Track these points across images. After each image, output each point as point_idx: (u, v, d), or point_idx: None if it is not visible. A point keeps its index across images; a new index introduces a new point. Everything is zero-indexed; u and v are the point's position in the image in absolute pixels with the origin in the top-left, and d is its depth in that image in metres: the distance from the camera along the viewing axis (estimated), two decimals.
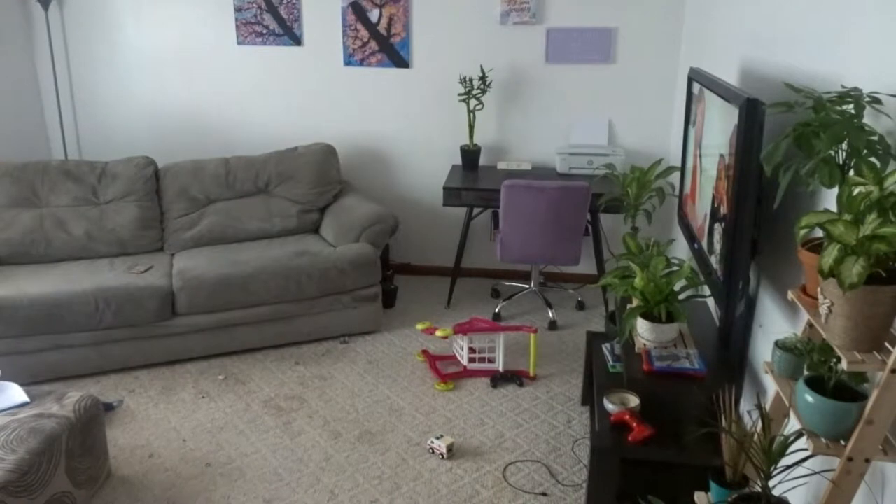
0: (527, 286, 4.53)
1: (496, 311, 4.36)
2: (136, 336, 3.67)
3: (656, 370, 2.45)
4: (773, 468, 1.68)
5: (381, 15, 4.54)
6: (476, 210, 4.50)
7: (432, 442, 3.07)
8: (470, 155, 4.55)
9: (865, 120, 1.68)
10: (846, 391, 1.59)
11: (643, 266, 2.60)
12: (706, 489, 1.94)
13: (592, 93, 4.51)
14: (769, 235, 2.51)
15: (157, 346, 3.74)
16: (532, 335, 3.62)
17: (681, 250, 4.06)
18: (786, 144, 1.73)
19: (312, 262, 3.88)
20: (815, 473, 1.80)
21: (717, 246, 2.53)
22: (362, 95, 4.73)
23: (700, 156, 2.96)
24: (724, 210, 2.44)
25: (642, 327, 2.59)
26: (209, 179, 4.32)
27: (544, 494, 2.83)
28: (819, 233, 1.91)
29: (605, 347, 3.17)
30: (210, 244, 4.23)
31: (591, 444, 2.52)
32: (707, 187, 2.77)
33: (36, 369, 3.57)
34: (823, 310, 1.55)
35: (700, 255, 2.82)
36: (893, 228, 1.39)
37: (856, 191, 1.50)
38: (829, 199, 2.03)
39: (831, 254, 1.44)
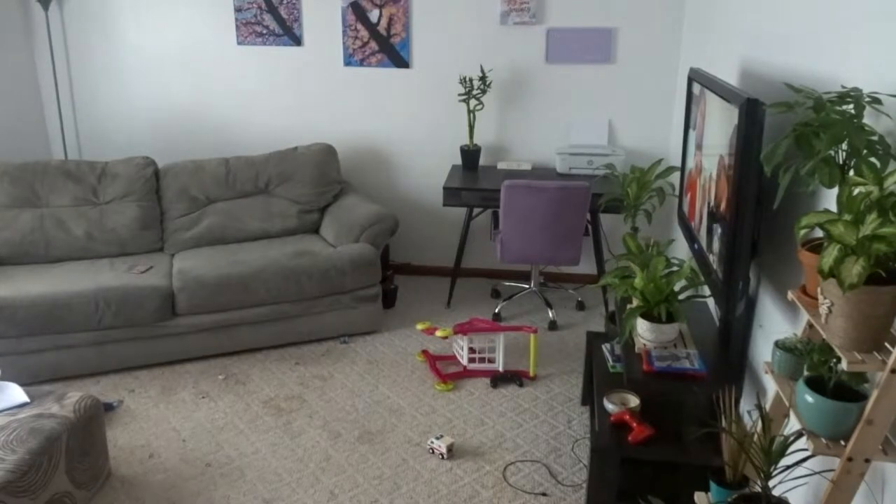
0: (527, 286, 4.53)
1: (496, 311, 4.36)
2: (136, 336, 3.67)
3: (656, 370, 2.45)
4: (773, 468, 1.68)
5: (381, 15, 4.54)
6: (476, 210, 4.50)
7: (432, 442, 3.07)
8: (470, 155, 4.55)
9: (865, 120, 1.68)
10: (846, 391, 1.59)
11: (643, 266, 2.60)
12: (706, 489, 1.94)
13: (592, 93, 4.51)
14: (769, 235, 2.51)
15: (157, 346, 3.74)
16: (532, 335, 3.62)
17: (681, 250, 4.06)
18: (786, 144, 1.73)
19: (312, 262, 3.88)
20: (815, 473, 1.80)
21: (717, 246, 2.53)
22: (362, 95, 4.73)
23: (700, 156, 2.96)
24: (724, 210, 2.44)
25: (642, 327, 2.59)
26: (209, 179, 4.32)
27: (544, 494, 2.83)
28: (819, 233, 1.91)
29: (605, 347, 3.17)
30: (210, 244, 4.23)
31: (591, 444, 2.52)
32: (707, 187, 2.77)
33: (36, 369, 3.57)
34: (823, 310, 1.55)
35: (700, 255, 2.82)
36: (893, 228, 1.39)
37: (856, 191, 1.50)
38: (829, 199, 2.03)
39: (831, 254, 1.44)
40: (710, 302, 3.05)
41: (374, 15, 4.55)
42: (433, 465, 3.01)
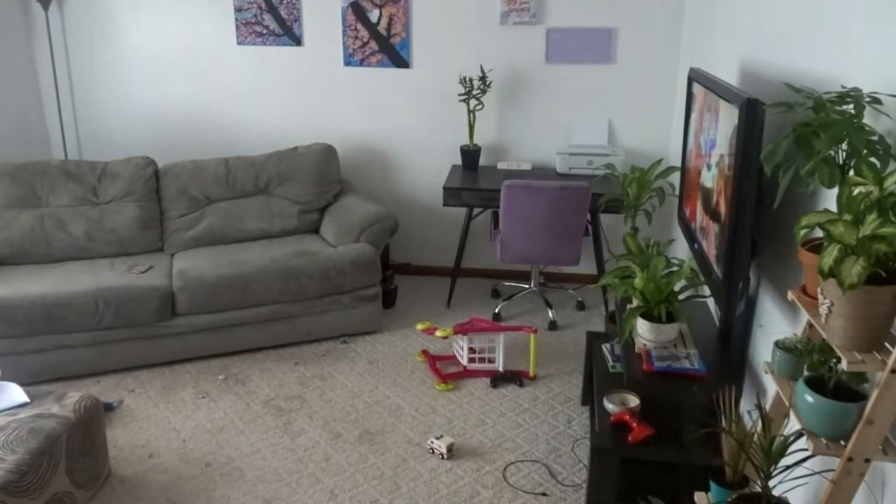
0: (527, 286, 4.53)
1: (496, 311, 4.36)
2: (136, 336, 3.67)
3: (656, 370, 2.45)
4: (773, 468, 1.68)
5: (381, 15, 4.54)
6: (476, 210, 4.50)
7: (432, 442, 3.06)
8: (470, 155, 4.55)
9: (865, 120, 1.68)
10: (846, 391, 1.59)
11: (643, 266, 2.60)
12: (706, 489, 1.94)
13: (592, 93, 4.51)
14: (769, 235, 2.51)
15: (156, 346, 3.74)
16: (532, 335, 3.62)
17: (681, 250, 4.06)
18: (786, 144, 1.73)
19: (312, 262, 3.88)
20: (815, 473, 1.80)
21: (717, 246, 2.53)
22: (362, 95, 4.73)
23: (700, 156, 2.95)
24: (723, 210, 2.44)
25: (642, 327, 2.59)
26: (209, 179, 4.32)
27: (544, 494, 2.83)
28: (819, 233, 1.91)
29: (605, 347, 3.17)
30: (210, 244, 4.23)
31: (591, 444, 2.52)
32: (707, 187, 2.77)
33: (36, 369, 3.57)
34: (823, 310, 1.55)
35: (700, 255, 2.82)
36: (893, 228, 1.39)
37: (856, 191, 1.50)
38: (829, 199, 2.03)
39: (831, 254, 1.44)
40: (710, 302, 3.05)
41: (374, 15, 4.55)
42: (433, 465, 3.01)
